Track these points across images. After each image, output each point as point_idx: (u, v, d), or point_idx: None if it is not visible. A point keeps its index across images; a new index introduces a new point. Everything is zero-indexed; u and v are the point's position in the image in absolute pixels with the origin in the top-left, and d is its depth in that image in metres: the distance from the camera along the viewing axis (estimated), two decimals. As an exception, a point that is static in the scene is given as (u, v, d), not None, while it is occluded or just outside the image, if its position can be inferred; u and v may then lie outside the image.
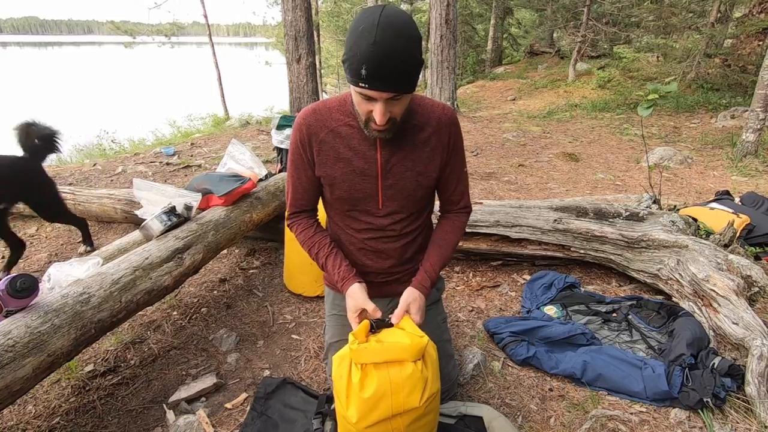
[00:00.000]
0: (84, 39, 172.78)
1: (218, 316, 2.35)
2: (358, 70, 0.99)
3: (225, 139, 6.51)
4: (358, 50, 0.98)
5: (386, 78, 1.00)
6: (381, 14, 0.97)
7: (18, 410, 1.75)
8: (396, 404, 1.08)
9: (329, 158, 1.24)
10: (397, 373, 1.09)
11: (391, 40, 0.96)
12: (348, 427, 1.13)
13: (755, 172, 4.84)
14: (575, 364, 1.83)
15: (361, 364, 1.10)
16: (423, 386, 1.10)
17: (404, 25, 0.99)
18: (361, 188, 1.25)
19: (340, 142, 1.22)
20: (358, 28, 0.99)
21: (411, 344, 1.10)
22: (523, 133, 7.03)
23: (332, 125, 1.21)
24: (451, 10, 7.33)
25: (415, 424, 1.13)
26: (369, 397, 1.08)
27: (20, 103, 16.25)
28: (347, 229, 1.36)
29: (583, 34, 11.15)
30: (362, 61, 0.97)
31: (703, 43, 8.74)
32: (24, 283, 1.41)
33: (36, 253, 3.12)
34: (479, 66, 16.33)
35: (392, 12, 0.99)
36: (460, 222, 1.41)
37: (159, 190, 2.22)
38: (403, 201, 1.28)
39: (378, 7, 1.00)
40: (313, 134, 1.22)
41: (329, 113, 1.22)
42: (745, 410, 1.60)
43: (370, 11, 0.99)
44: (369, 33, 0.96)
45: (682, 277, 2.14)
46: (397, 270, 1.40)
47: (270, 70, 16.49)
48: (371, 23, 0.96)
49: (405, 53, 0.98)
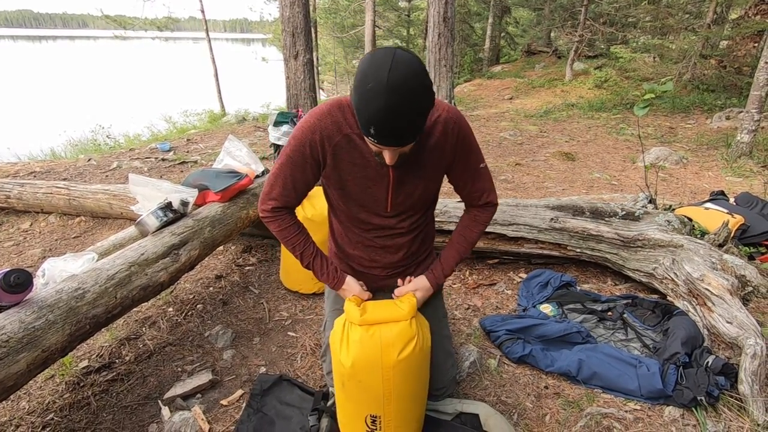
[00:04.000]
0: (79, 33, 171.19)
1: (214, 312, 2.35)
2: (367, 127, 0.97)
3: (221, 135, 6.47)
4: (366, 110, 0.95)
5: (396, 137, 0.99)
6: (390, 71, 0.91)
7: (12, 406, 1.74)
8: (385, 356, 1.23)
9: (344, 162, 1.20)
10: (386, 329, 1.24)
11: (402, 101, 0.93)
12: (342, 371, 1.27)
13: (749, 172, 4.88)
14: (571, 363, 1.84)
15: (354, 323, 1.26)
16: (408, 340, 1.25)
17: (415, 78, 0.94)
18: (372, 194, 1.24)
19: (354, 148, 1.18)
20: (366, 83, 0.93)
21: (402, 307, 1.28)
22: (520, 132, 7.04)
23: (346, 130, 1.16)
24: (449, 8, 7.31)
25: (405, 374, 1.27)
26: (358, 341, 1.23)
27: (14, 97, 16.10)
28: (354, 228, 1.36)
29: (581, 33, 11.17)
30: (371, 122, 0.96)
31: (699, 44, 8.78)
32: (18, 278, 1.40)
33: (30, 248, 3.09)
34: (477, 64, 16.33)
35: (402, 67, 0.92)
36: (482, 217, 1.38)
37: (155, 186, 2.20)
38: (411, 204, 1.29)
39: (387, 59, 0.92)
40: (327, 137, 1.16)
41: (344, 117, 1.16)
42: (738, 408, 1.62)
43: (379, 64, 0.92)
44: (378, 95, 0.92)
45: (677, 277, 2.15)
46: (403, 263, 1.41)
47: (267, 66, 16.40)
48: (380, 83, 0.91)
49: (415, 110, 0.96)
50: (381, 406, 1.29)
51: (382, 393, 1.27)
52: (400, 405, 1.31)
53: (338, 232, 1.41)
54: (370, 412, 1.31)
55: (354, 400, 1.32)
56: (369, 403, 1.30)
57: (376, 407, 1.30)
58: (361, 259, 1.39)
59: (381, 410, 1.30)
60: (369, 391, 1.27)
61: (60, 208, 3.45)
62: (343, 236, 1.40)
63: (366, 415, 1.32)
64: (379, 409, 1.30)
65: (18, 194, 3.49)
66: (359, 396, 1.30)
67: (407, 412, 1.37)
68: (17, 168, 4.60)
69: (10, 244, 3.15)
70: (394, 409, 1.31)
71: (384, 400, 1.28)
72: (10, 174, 4.38)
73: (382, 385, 1.25)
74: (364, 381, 1.25)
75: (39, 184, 3.51)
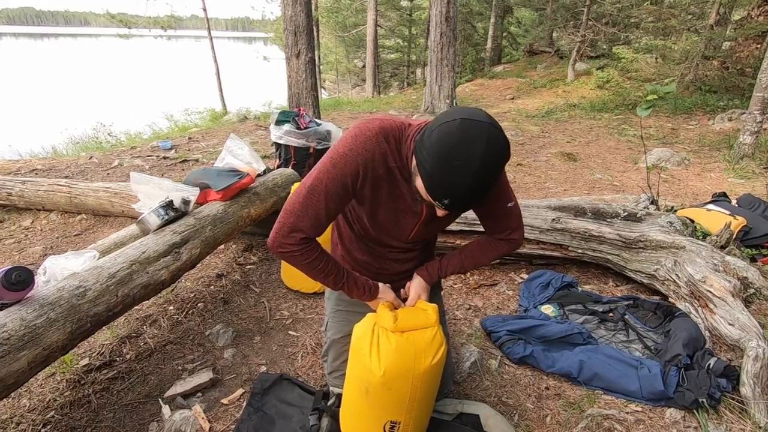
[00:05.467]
0: (81, 31, 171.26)
1: (215, 311, 2.35)
2: (441, 199, 0.95)
3: (223, 133, 6.47)
4: (446, 183, 0.91)
5: (466, 207, 1.00)
6: (483, 157, 0.88)
7: (12, 403, 1.74)
8: (417, 363, 1.22)
9: (381, 193, 1.14)
10: (419, 336, 1.24)
11: (487, 184, 0.93)
12: (370, 379, 1.23)
13: (752, 174, 4.87)
14: (572, 363, 1.84)
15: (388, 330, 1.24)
16: (438, 346, 1.26)
17: (502, 164, 0.92)
18: (400, 225, 1.23)
19: (394, 181, 1.13)
20: (452, 158, 0.88)
21: (430, 314, 1.29)
22: (521, 132, 7.03)
23: (392, 164, 1.10)
24: (451, 7, 7.31)
25: (430, 380, 1.28)
26: (394, 349, 1.20)
27: (16, 94, 16.11)
28: (369, 243, 1.35)
29: (583, 34, 11.15)
30: (448, 195, 0.94)
31: (702, 45, 8.75)
32: (19, 275, 1.40)
33: (31, 245, 3.10)
34: (478, 64, 16.31)
35: (495, 149, 0.89)
36: (501, 247, 1.34)
37: (156, 184, 2.20)
38: (428, 235, 1.32)
39: (482, 137, 0.88)
40: (372, 169, 1.08)
41: (390, 148, 1.08)
42: (739, 411, 1.61)
43: (471, 144, 0.88)
44: (465, 175, 0.89)
45: (678, 278, 2.15)
46: (411, 272, 1.43)
47: (268, 65, 16.40)
48: (471, 166, 0.88)
49: (492, 186, 0.96)
50: (404, 412, 1.27)
51: (409, 399, 1.25)
52: (420, 411, 1.31)
53: (348, 238, 1.40)
54: (390, 419, 1.29)
55: (377, 407, 1.28)
56: (392, 410, 1.27)
57: (399, 414, 1.28)
58: (369, 265, 1.40)
59: (403, 416, 1.29)
60: (396, 398, 1.25)
61: (61, 205, 3.45)
62: (353, 243, 1.39)
63: (386, 421, 1.29)
64: (401, 415, 1.28)
65: (20, 191, 3.49)
66: (383, 403, 1.27)
67: (423, 417, 1.38)
68: (19, 165, 4.61)
69: (12, 242, 3.15)
70: (415, 415, 1.30)
71: (408, 406, 1.26)
72: (11, 171, 4.39)
73: (410, 391, 1.24)
74: (394, 388, 1.23)
75: (40, 182, 3.51)
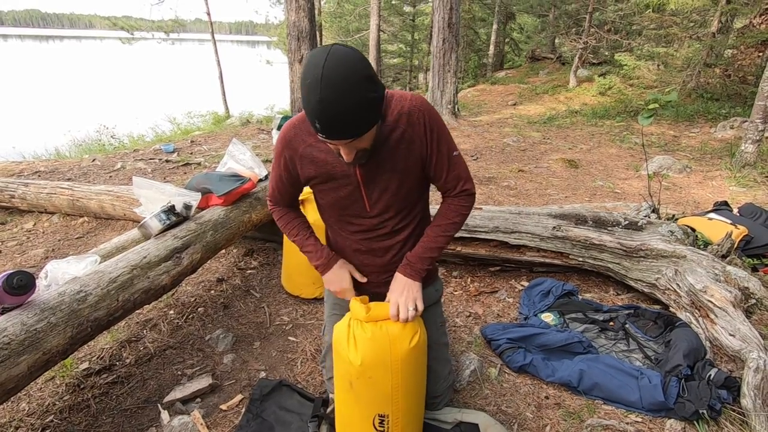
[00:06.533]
0: (86, 33, 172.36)
1: (215, 316, 2.35)
2: (313, 122, 1.00)
3: (225, 137, 6.50)
4: (308, 105, 0.98)
5: (340, 130, 1.01)
6: (324, 66, 0.94)
7: (12, 407, 1.74)
8: (394, 349, 1.27)
9: (311, 168, 1.26)
10: (393, 323, 1.30)
11: (338, 93, 0.95)
12: (351, 371, 1.28)
13: (753, 183, 4.86)
14: (572, 373, 1.83)
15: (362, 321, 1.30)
16: (413, 332, 1.31)
17: (349, 70, 0.95)
18: (345, 195, 1.27)
19: (320, 152, 1.23)
20: (306, 80, 0.97)
21: None
22: (523, 138, 7.04)
23: (310, 140, 1.23)
24: (453, 14, 7.34)
25: (410, 367, 1.32)
26: (370, 338, 1.26)
27: (20, 96, 16.20)
28: (342, 232, 1.38)
29: (585, 40, 11.18)
30: (314, 116, 0.98)
31: (704, 53, 8.78)
32: (21, 280, 1.40)
33: (33, 248, 3.10)
34: (480, 70, 16.35)
35: (335, 59, 0.95)
36: (456, 205, 1.34)
37: (158, 189, 2.21)
38: (389, 201, 1.28)
39: (322, 54, 0.96)
40: (293, 149, 1.25)
41: (304, 127, 1.23)
42: (740, 422, 1.60)
43: (315, 61, 0.96)
44: (315, 89, 0.95)
45: (679, 288, 2.14)
46: (393, 267, 1.38)
47: (271, 69, 16.48)
48: (315, 78, 0.94)
49: (354, 103, 0.97)
50: (390, 403, 1.32)
51: (391, 388, 1.30)
52: (406, 402, 1.35)
53: (332, 240, 1.46)
54: (378, 412, 1.33)
55: (363, 400, 1.33)
56: (378, 401, 1.32)
57: (384, 405, 1.32)
58: (353, 264, 1.43)
59: (389, 408, 1.32)
60: (378, 388, 1.30)
61: (63, 208, 3.46)
62: (335, 243, 1.44)
63: (374, 415, 1.34)
64: (388, 406, 1.32)
65: (22, 194, 3.51)
66: (368, 395, 1.32)
67: (412, 412, 1.41)
68: (22, 167, 4.63)
69: (14, 244, 3.16)
70: (401, 407, 1.34)
71: (392, 396, 1.31)
72: (14, 173, 4.41)
73: (391, 380, 1.29)
74: (374, 377, 1.28)
75: (43, 184, 3.53)
